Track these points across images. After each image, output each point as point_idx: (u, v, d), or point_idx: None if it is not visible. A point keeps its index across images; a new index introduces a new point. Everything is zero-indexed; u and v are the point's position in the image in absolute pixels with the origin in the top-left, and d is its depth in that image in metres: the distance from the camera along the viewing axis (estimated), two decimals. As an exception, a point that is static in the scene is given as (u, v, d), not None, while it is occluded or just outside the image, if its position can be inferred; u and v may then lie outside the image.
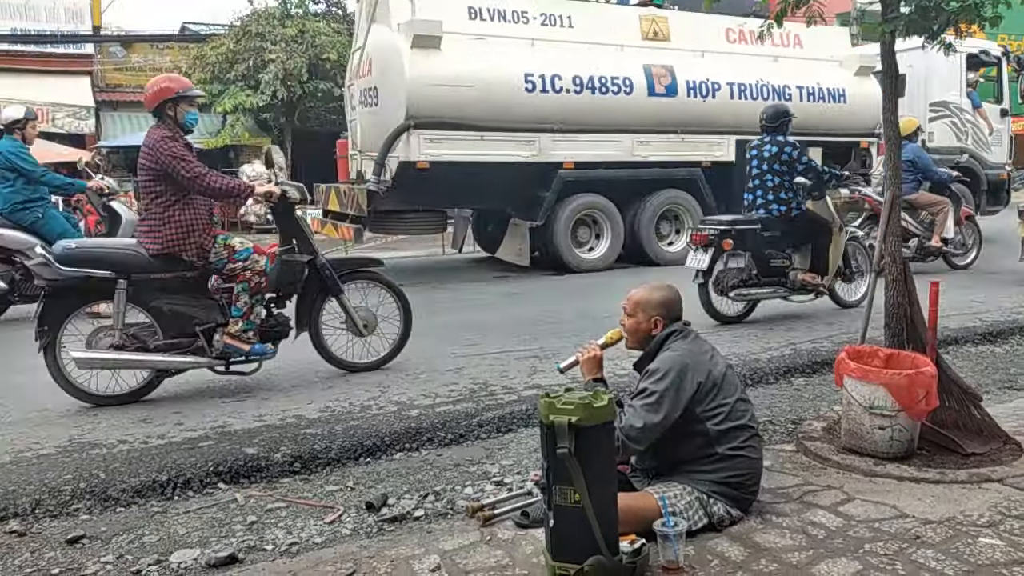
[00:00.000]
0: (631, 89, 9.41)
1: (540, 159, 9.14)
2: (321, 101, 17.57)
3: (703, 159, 10.12)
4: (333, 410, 4.23)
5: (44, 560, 2.73)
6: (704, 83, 9.86)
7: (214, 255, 4.46)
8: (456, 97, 8.53)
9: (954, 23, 3.49)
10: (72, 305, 4.39)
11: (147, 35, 21.06)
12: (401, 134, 8.50)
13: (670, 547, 2.36)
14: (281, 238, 4.79)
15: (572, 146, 9.26)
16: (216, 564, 2.63)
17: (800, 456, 3.33)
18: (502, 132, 8.83)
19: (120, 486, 3.28)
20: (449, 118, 8.56)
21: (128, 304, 4.36)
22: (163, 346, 4.40)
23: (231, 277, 4.47)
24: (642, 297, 2.90)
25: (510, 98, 8.78)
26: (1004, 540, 2.51)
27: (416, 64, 8.41)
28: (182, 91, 4.48)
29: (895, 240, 3.70)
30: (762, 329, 6.07)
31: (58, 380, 4.35)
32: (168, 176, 4.33)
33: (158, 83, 4.53)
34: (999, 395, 4.42)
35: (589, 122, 9.26)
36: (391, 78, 8.70)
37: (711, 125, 9.99)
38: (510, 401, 4.34)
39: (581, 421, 2.25)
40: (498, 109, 8.72)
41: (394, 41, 8.62)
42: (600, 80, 9.23)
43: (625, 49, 9.55)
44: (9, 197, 6.80)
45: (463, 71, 8.58)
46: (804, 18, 3.98)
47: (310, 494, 3.28)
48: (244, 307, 4.46)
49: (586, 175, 9.42)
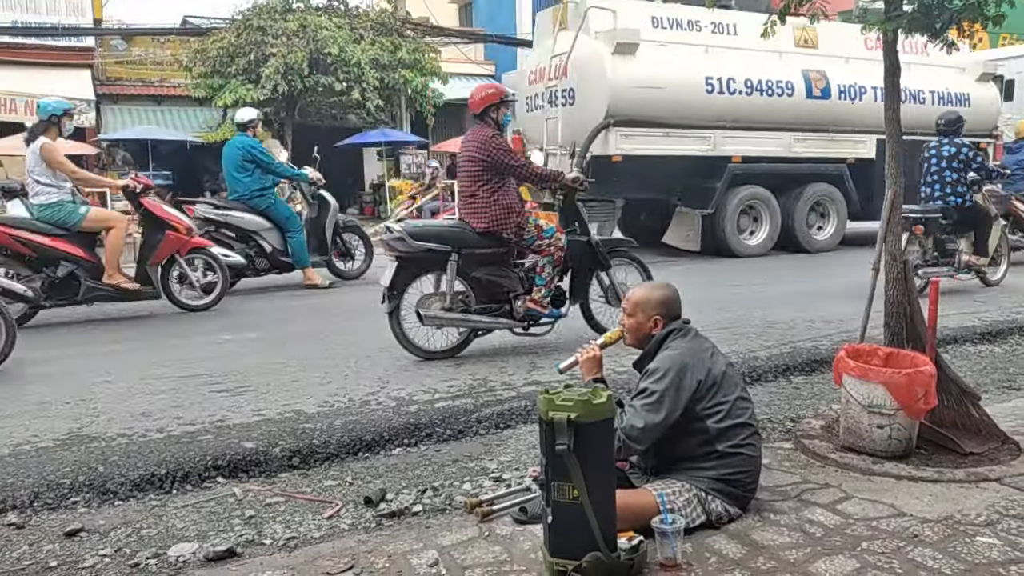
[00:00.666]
0: (792, 92, 10.63)
1: (714, 153, 10.33)
2: (322, 96, 17.51)
3: (848, 156, 11.25)
4: (332, 405, 4.23)
5: (42, 553, 2.73)
6: (852, 87, 11.02)
7: (527, 233, 5.16)
8: (648, 97, 9.73)
9: (957, 22, 3.47)
10: (414, 273, 5.12)
11: (148, 28, 21.00)
12: (602, 130, 9.64)
13: (668, 544, 2.37)
14: (565, 220, 5.45)
15: (740, 142, 10.44)
16: (214, 558, 2.63)
17: (798, 454, 3.34)
18: (683, 129, 10.07)
19: (118, 479, 3.28)
20: (641, 116, 9.77)
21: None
22: (479, 310, 5.15)
23: (538, 251, 5.22)
24: (642, 297, 2.90)
25: (692, 98, 10.02)
26: (1001, 539, 2.51)
27: (617, 68, 9.62)
28: (504, 97, 5.24)
29: (895, 239, 3.70)
30: (761, 327, 6.07)
31: (398, 337, 5.09)
32: (494, 166, 5.04)
33: (484, 90, 5.28)
34: (998, 395, 4.42)
35: (755, 120, 10.46)
36: (592, 80, 9.79)
37: (856, 125, 11.03)
38: (509, 397, 4.34)
39: (580, 418, 2.25)
40: (682, 108, 9.96)
41: (596, 48, 9.75)
42: (767, 83, 10.50)
43: (784, 56, 10.66)
44: (249, 185, 7.98)
45: (655, 74, 9.79)
46: (808, 15, 3.96)
47: (308, 489, 3.29)
48: (547, 277, 5.21)
49: (751, 168, 10.56)
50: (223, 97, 17.12)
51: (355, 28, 17.74)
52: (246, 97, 16.77)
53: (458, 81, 20.64)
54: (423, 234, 5.02)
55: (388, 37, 17.98)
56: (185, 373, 4.92)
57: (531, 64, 11.43)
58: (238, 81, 16.98)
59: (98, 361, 5.37)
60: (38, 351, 5.62)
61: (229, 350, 5.64)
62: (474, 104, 5.21)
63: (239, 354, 5.49)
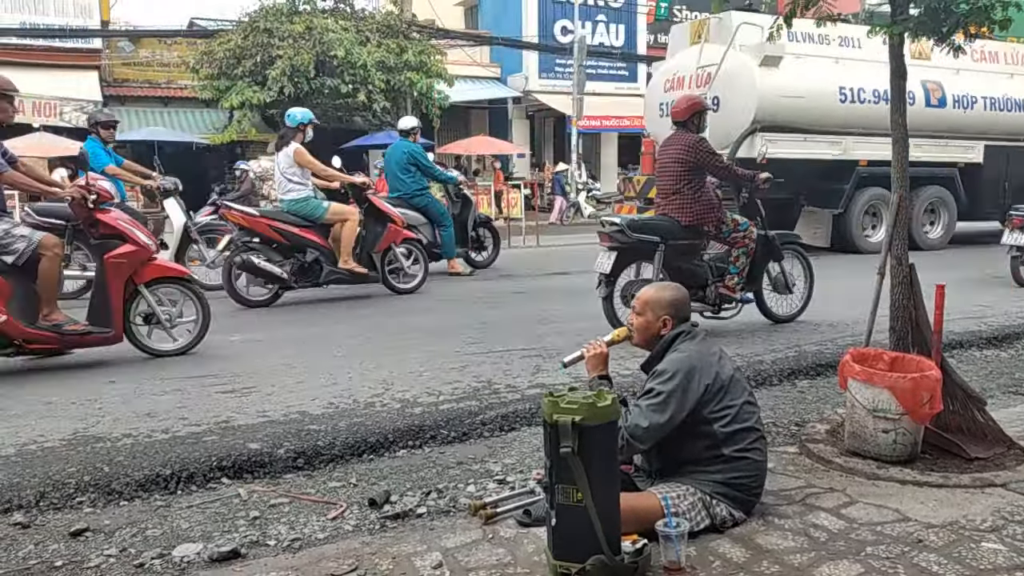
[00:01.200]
0: (913, 101, 11.09)
1: (844, 157, 11.35)
2: (328, 98, 17.55)
3: (959, 160, 12.27)
4: (337, 406, 4.24)
5: (47, 552, 2.74)
6: (964, 96, 11.98)
7: (725, 226, 5.72)
8: (790, 105, 10.62)
9: (964, 25, 3.47)
10: (626, 262, 5.75)
11: (155, 30, 21.09)
12: (748, 135, 10.53)
13: (672, 548, 2.36)
14: (748, 216, 5.96)
15: (867, 147, 11.22)
16: (218, 559, 2.64)
17: (803, 458, 3.33)
18: (818, 135, 11.06)
19: (124, 480, 3.28)
20: (783, 122, 10.67)
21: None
22: None
23: (733, 243, 5.80)
24: (652, 296, 2.90)
25: (828, 106, 10.99)
26: (1007, 545, 2.50)
27: (764, 79, 10.52)
28: (704, 106, 5.87)
29: (901, 243, 3.69)
30: (767, 331, 6.07)
31: (611, 319, 5.66)
32: (700, 167, 5.63)
33: (689, 100, 5.89)
34: (1004, 400, 4.41)
35: (880, 127, 11.44)
36: (739, 90, 10.64)
37: (967, 131, 12.07)
38: (513, 400, 4.34)
39: (585, 421, 2.25)
40: (819, 115, 10.92)
41: (744, 60, 10.64)
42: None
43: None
44: (410, 185, 9.02)
45: (796, 84, 10.70)
46: (813, 18, 3.96)
47: (313, 490, 3.29)
48: (741, 266, 5.78)
49: (875, 171, 11.28)
50: (229, 99, 17.19)
51: (361, 30, 17.79)
52: (252, 99, 16.84)
53: (464, 83, 20.69)
54: (639, 226, 5.69)
55: (394, 39, 18.03)
56: (194, 371, 4.94)
57: (666, 73, 12.32)
58: (244, 83, 17.05)
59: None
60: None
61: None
62: (679, 112, 5.79)
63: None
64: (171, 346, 5.48)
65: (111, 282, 5.17)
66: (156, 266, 5.44)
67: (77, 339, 5.15)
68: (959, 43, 3.66)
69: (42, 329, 4.98)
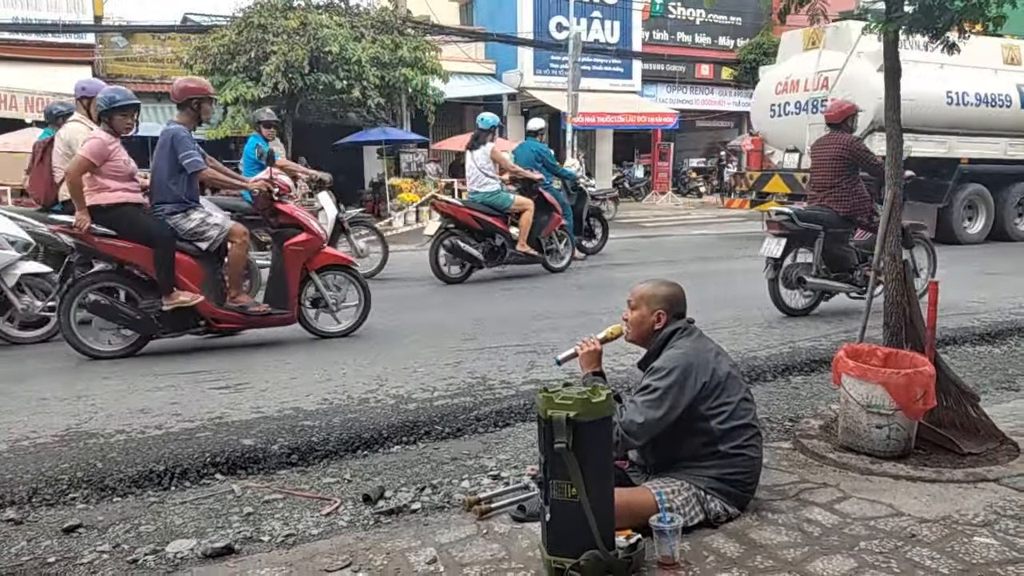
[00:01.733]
0: (1009, 103, 12.55)
1: (948, 155, 12.13)
2: (322, 94, 17.47)
3: None
4: (331, 402, 4.23)
5: (40, 549, 2.73)
6: None
7: (876, 217, 5.89)
8: (903, 108, 10.29)
9: (958, 22, 3.48)
10: (792, 247, 6.40)
11: (149, 25, 20.96)
12: (866, 136, 10.88)
13: (666, 542, 2.37)
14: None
15: (968, 145, 12.25)
16: (212, 555, 2.63)
17: (797, 454, 3.34)
18: (926, 135, 11.77)
19: (117, 476, 3.28)
20: None
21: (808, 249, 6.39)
22: (835, 277, 6.41)
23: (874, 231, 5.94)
24: (647, 291, 2.90)
25: (936, 109, 11.73)
26: (999, 539, 2.52)
27: (881, 84, 10.30)
28: (856, 109, 6.69)
29: (895, 239, 3.70)
30: (761, 327, 6.08)
31: (775, 299, 6.31)
32: (856, 163, 6.37)
33: (842, 105, 6.68)
34: (997, 395, 4.42)
35: (980, 127, 12.37)
36: (858, 93, 10.84)
37: None
38: (508, 395, 4.34)
39: (579, 416, 2.25)
40: (928, 116, 11.57)
41: (862, 65, 11.31)
42: (990, 96, 12.41)
43: (998, 72, 12.61)
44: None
45: (908, 88, 11.28)
46: (808, 16, 3.96)
47: (307, 486, 3.29)
48: None
49: (974, 168, 12.36)
50: (223, 95, 17.08)
51: (356, 26, 17.72)
52: (246, 95, 16.75)
53: (458, 80, 20.62)
54: (805, 216, 6.33)
55: (389, 35, 17.96)
56: (194, 370, 4.92)
57: (779, 76, 13.23)
58: (239, 79, 16.96)
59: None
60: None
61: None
62: (833, 116, 6.63)
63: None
64: (336, 328, 5.89)
65: (289, 268, 5.58)
66: (326, 254, 5.85)
67: (259, 319, 5.52)
68: (953, 40, 3.66)
69: (230, 310, 5.42)
